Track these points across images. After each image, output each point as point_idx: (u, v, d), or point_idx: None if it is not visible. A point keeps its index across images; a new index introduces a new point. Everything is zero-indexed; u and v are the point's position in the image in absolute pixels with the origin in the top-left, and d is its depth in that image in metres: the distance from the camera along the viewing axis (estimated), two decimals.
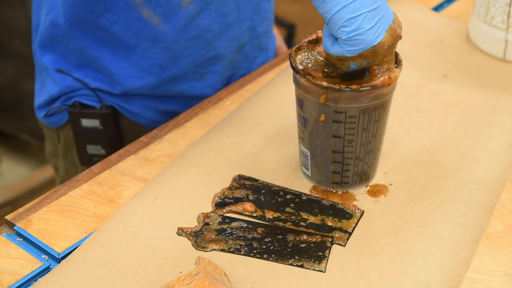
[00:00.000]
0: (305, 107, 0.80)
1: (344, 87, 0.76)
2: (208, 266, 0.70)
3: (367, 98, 0.77)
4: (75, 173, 1.11)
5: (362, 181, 0.84)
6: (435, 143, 0.91)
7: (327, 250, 0.76)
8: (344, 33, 0.74)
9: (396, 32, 0.76)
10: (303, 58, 0.82)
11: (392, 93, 0.80)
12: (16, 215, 0.81)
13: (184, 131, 0.95)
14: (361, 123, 0.79)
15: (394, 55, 0.79)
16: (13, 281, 0.73)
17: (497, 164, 0.87)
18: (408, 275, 0.72)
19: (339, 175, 0.83)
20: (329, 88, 0.76)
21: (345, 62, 0.76)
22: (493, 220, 0.80)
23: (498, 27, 1.08)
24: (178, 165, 0.87)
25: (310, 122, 0.80)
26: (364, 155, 0.82)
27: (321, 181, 0.84)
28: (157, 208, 0.81)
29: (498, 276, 0.73)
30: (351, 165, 0.82)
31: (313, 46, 0.83)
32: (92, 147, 1.06)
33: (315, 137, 0.81)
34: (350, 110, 0.77)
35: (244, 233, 0.78)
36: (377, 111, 0.79)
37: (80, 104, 1.05)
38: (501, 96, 1.00)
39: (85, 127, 1.05)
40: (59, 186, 0.86)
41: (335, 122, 0.79)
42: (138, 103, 1.05)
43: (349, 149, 0.80)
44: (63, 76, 1.04)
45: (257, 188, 0.84)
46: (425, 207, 0.81)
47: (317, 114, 0.79)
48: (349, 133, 0.79)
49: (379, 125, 0.81)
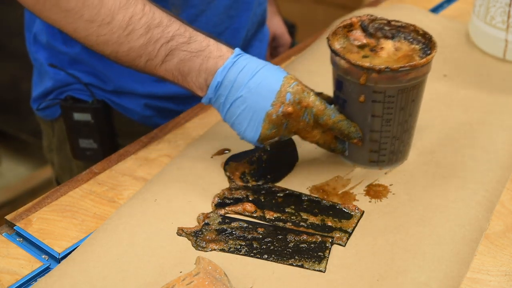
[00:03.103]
0: (344, 88, 0.83)
1: (384, 67, 0.79)
2: (208, 266, 0.70)
3: (405, 78, 0.80)
4: (69, 168, 1.12)
5: (397, 160, 0.87)
6: (435, 143, 0.91)
7: (327, 250, 0.76)
8: (239, 136, 0.84)
9: (277, 114, 0.80)
10: (338, 42, 0.86)
11: (428, 74, 0.83)
12: (16, 215, 0.81)
13: (184, 131, 0.95)
14: (399, 102, 0.82)
15: (428, 38, 0.84)
16: (13, 281, 0.73)
17: (497, 164, 0.87)
18: (408, 275, 0.72)
19: (376, 154, 0.86)
20: (370, 68, 0.80)
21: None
22: (493, 220, 0.80)
23: (498, 27, 1.08)
24: (178, 166, 0.87)
25: (349, 103, 0.84)
26: (401, 134, 0.85)
27: (358, 160, 0.87)
28: (157, 208, 0.80)
29: (498, 276, 0.73)
30: (388, 144, 0.85)
31: (348, 31, 0.86)
32: (84, 141, 1.06)
33: (354, 117, 0.84)
34: (389, 90, 0.81)
35: (244, 233, 0.78)
36: (414, 90, 0.82)
37: (72, 98, 1.05)
38: (501, 96, 1.00)
39: (77, 121, 1.05)
40: (59, 186, 0.86)
41: (374, 102, 0.82)
42: (130, 100, 1.05)
43: (386, 128, 0.84)
44: (56, 71, 1.05)
45: (257, 189, 0.84)
46: (425, 207, 0.81)
47: (357, 95, 0.82)
48: (387, 113, 0.83)
49: (416, 104, 0.84)
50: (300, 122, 0.82)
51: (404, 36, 0.86)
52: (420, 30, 0.86)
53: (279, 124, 0.81)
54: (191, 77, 0.83)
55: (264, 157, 0.86)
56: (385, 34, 0.86)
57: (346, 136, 0.84)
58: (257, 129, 0.82)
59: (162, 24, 0.82)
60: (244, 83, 0.81)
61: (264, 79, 0.81)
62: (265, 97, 0.81)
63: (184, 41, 0.82)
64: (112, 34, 0.82)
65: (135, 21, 0.82)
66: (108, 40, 0.82)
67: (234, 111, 0.82)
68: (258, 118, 0.81)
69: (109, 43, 0.82)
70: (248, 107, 0.81)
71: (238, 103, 0.81)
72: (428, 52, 0.84)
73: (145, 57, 0.83)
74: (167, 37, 0.82)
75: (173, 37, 0.82)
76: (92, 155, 1.06)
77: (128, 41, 0.82)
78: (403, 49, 0.85)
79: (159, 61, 0.83)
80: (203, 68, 0.82)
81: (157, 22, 0.82)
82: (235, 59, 0.82)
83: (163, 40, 0.82)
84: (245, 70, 0.81)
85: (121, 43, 0.82)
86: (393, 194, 0.83)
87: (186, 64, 0.82)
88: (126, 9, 0.81)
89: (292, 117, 0.81)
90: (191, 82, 0.83)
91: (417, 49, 0.85)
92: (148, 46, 0.82)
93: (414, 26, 0.86)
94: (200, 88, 0.83)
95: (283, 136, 0.84)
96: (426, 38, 0.85)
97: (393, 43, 0.86)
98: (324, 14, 2.24)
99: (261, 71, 0.81)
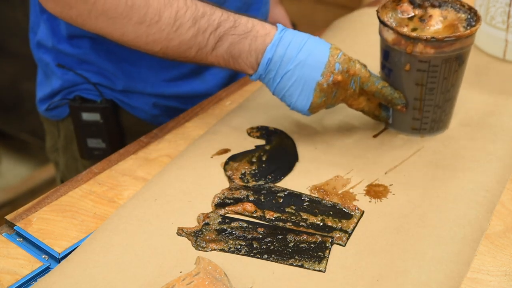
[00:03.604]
0: (391, 58, 0.88)
1: (430, 37, 0.84)
2: (208, 266, 0.70)
3: (450, 49, 0.85)
4: (75, 167, 1.12)
5: (439, 128, 0.92)
6: (435, 144, 0.91)
7: (327, 250, 0.76)
8: (289, 107, 0.88)
9: (328, 83, 0.84)
10: (387, 15, 0.90)
11: (471, 46, 0.88)
12: (16, 215, 0.81)
13: (184, 131, 0.95)
14: (443, 72, 0.86)
15: (473, 12, 0.88)
16: (13, 281, 0.73)
17: (497, 165, 0.87)
18: (408, 275, 0.72)
19: (418, 121, 0.91)
20: (416, 38, 0.84)
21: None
22: (493, 220, 0.80)
23: (498, 27, 1.08)
24: (178, 166, 0.87)
25: (394, 72, 0.88)
26: (443, 103, 0.90)
27: (401, 127, 0.92)
28: (157, 208, 0.80)
29: (498, 276, 0.73)
30: (430, 112, 0.90)
31: (396, 4, 0.91)
32: (92, 141, 1.07)
33: (398, 85, 0.88)
34: (433, 59, 0.85)
35: (244, 233, 0.78)
36: (457, 61, 0.87)
37: (81, 98, 1.05)
38: (501, 96, 1.00)
39: (86, 120, 1.05)
40: (59, 186, 0.86)
41: (419, 71, 0.87)
42: (139, 99, 1.06)
43: (429, 96, 0.88)
44: (64, 71, 1.05)
45: (257, 189, 0.84)
46: (425, 208, 0.81)
47: (402, 64, 0.87)
48: (431, 82, 0.87)
49: (458, 75, 0.89)
50: (348, 90, 0.87)
51: (451, 5, 0.90)
52: (465, 4, 0.90)
53: (329, 92, 0.86)
54: (242, 59, 0.87)
55: (264, 157, 0.86)
56: (432, 3, 0.90)
57: (390, 102, 0.89)
58: (308, 98, 0.86)
59: (206, 14, 0.86)
60: (293, 57, 0.85)
61: (312, 51, 0.85)
62: (315, 68, 0.85)
63: (231, 25, 0.86)
64: (162, 31, 0.85)
65: (181, 16, 0.85)
66: (157, 38, 0.86)
67: (285, 84, 0.86)
68: (309, 88, 0.85)
69: (159, 41, 0.86)
70: (298, 79, 0.85)
71: (289, 75, 0.85)
72: (472, 24, 0.88)
73: (196, 48, 0.86)
74: (213, 25, 0.86)
75: (220, 24, 0.86)
76: (100, 154, 1.06)
77: (177, 35, 0.86)
78: (449, 18, 0.89)
79: (210, 48, 0.86)
80: (253, 48, 0.86)
81: (201, 12, 0.86)
82: (281, 34, 0.86)
83: (211, 28, 0.86)
84: (292, 45, 0.85)
85: (171, 38, 0.86)
86: (393, 194, 0.83)
87: (236, 47, 0.86)
88: (171, 6, 0.85)
89: (341, 86, 0.86)
90: (242, 63, 0.87)
91: (463, 19, 0.89)
92: (198, 37, 0.86)
93: (460, 1, 0.90)
94: (251, 67, 0.87)
95: (330, 105, 0.89)
96: (472, 12, 0.89)
97: (441, 11, 0.90)
98: (324, 14, 2.24)
99: (307, 43, 0.86)
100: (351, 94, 0.87)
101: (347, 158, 0.89)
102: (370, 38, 1.03)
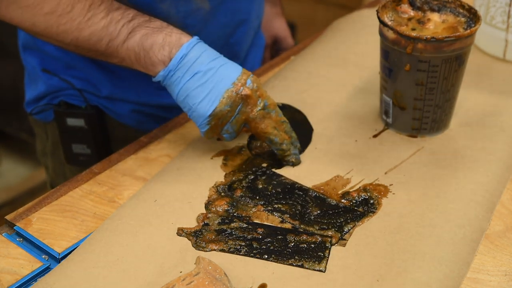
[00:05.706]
0: (391, 57, 0.88)
1: (430, 37, 0.84)
2: (208, 266, 0.70)
3: (450, 49, 0.85)
4: (63, 172, 1.11)
5: (439, 128, 0.92)
6: (435, 144, 0.91)
7: (327, 250, 0.76)
8: (187, 114, 0.85)
9: (237, 92, 0.83)
10: (387, 15, 0.90)
11: (471, 45, 0.88)
12: (16, 215, 0.81)
13: (184, 131, 0.95)
14: (443, 72, 0.87)
15: (473, 12, 0.88)
16: (13, 281, 0.73)
17: (497, 165, 0.87)
18: (408, 275, 0.72)
19: (418, 121, 0.91)
20: (416, 38, 0.84)
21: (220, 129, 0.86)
22: (493, 220, 0.80)
23: (498, 27, 1.08)
24: (178, 166, 0.87)
25: (394, 72, 0.89)
26: (443, 103, 0.90)
27: (401, 128, 0.92)
28: (157, 208, 0.81)
29: (498, 276, 0.73)
30: (430, 112, 0.90)
31: (396, 5, 0.91)
32: (77, 146, 1.06)
33: (399, 85, 0.89)
34: (433, 59, 0.86)
35: (244, 233, 0.78)
36: (457, 61, 0.87)
37: (66, 104, 1.04)
38: (501, 96, 1.00)
39: (70, 126, 1.04)
40: (59, 186, 0.86)
41: (419, 71, 0.87)
42: (123, 106, 1.04)
43: (429, 96, 0.88)
44: (49, 76, 1.04)
45: (269, 176, 0.84)
46: (425, 208, 0.81)
47: (402, 64, 0.87)
48: (431, 81, 0.87)
49: (458, 75, 0.89)
50: (253, 109, 0.85)
51: (450, 9, 0.90)
52: (465, 5, 0.89)
53: (235, 104, 0.84)
54: (153, 51, 0.84)
55: None
56: (432, 7, 0.90)
57: (282, 142, 0.87)
58: (213, 102, 0.83)
59: (121, 8, 0.86)
60: (207, 62, 0.84)
61: (226, 63, 0.85)
62: (227, 76, 0.84)
63: (146, 19, 0.86)
64: (73, 21, 0.84)
65: (95, 7, 0.84)
66: (68, 29, 0.84)
67: (193, 84, 0.83)
68: (217, 93, 0.83)
69: (70, 31, 0.85)
70: (208, 82, 0.83)
71: (199, 76, 0.83)
72: (472, 25, 0.88)
73: (107, 39, 0.85)
74: (128, 18, 0.85)
75: (134, 17, 0.85)
76: (85, 160, 1.05)
77: (89, 25, 0.84)
78: (448, 21, 0.89)
79: (121, 40, 0.85)
80: (167, 42, 0.84)
81: (116, 6, 0.86)
82: (199, 41, 0.85)
83: (125, 20, 0.85)
84: (209, 52, 0.85)
85: (82, 28, 0.84)
86: (393, 194, 0.83)
87: (149, 38, 0.84)
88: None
89: (248, 102, 0.84)
90: (153, 56, 0.84)
91: (462, 22, 0.89)
92: (110, 27, 0.84)
93: (460, 1, 0.90)
94: (162, 61, 0.84)
95: (230, 127, 0.86)
96: (471, 12, 0.89)
97: (439, 15, 0.90)
98: (324, 14, 2.24)
99: (222, 57, 0.85)
100: (254, 116, 0.85)
101: (347, 158, 0.89)
102: (370, 38, 1.03)
